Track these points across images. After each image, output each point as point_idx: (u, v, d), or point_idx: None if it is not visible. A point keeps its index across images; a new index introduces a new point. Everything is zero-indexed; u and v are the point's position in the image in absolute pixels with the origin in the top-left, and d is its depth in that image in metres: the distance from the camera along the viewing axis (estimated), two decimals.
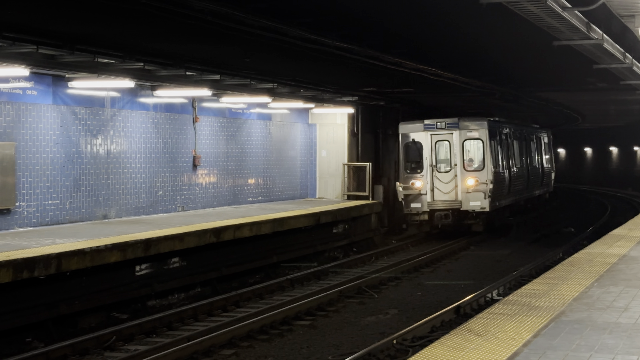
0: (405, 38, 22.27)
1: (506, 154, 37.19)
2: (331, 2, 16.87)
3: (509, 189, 37.01)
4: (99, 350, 15.33)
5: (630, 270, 15.93)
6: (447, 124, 31.79)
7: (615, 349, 9.71)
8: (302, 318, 17.96)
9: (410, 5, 17.00)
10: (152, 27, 17.64)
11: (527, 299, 12.91)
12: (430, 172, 31.45)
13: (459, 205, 30.76)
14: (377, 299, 20.40)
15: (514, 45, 22.07)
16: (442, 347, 9.93)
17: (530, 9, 12.75)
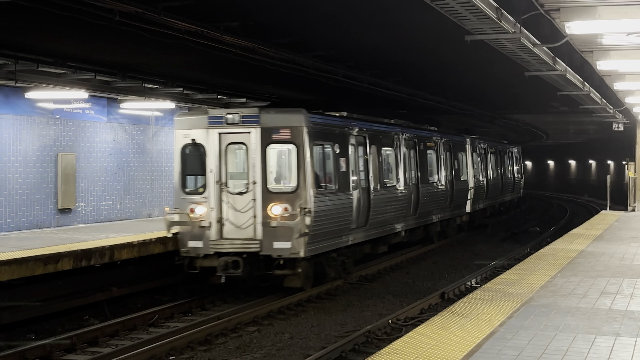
0: (401, 68, 22.34)
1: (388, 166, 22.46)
2: (342, 39, 16.99)
3: (369, 216, 20.13)
4: (144, 326, 15.44)
5: (588, 263, 15.97)
6: (242, 118, 16.34)
7: (577, 329, 9.77)
8: (313, 301, 17.97)
9: (408, 42, 17.13)
10: (190, 58, 17.64)
11: (501, 287, 12.98)
12: (218, 192, 16.20)
13: (257, 248, 15.95)
14: (375, 286, 20.39)
15: (492, 75, 22.15)
16: (432, 326, 10.01)
17: (507, 45, 12.84)
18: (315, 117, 16.98)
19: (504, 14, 10.74)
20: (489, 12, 10.00)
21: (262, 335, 14.80)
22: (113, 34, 13.92)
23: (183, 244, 16.72)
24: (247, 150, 16.35)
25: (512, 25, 11.31)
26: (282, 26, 15.24)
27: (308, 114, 16.50)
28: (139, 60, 19.18)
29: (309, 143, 16.21)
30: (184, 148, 16.91)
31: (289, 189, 16.47)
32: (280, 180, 16.97)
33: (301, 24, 15.01)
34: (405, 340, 9.19)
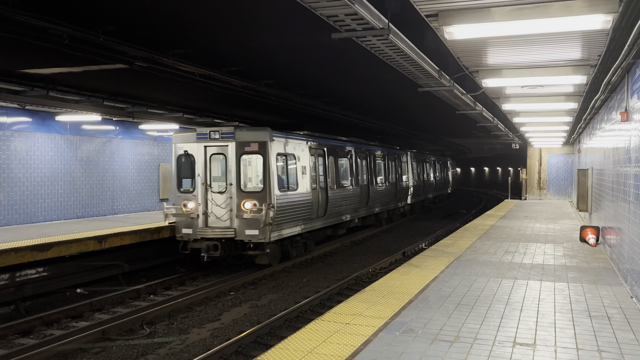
0: (374, 108, 22.36)
1: (337, 172, 19.22)
2: (323, 85, 16.68)
3: (327, 208, 18.11)
4: (161, 290, 13.62)
5: (497, 232, 15.97)
6: (222, 134, 15.10)
7: (490, 274, 9.79)
8: (321, 258, 17.97)
9: (377, 90, 17.15)
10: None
11: (441, 248, 12.99)
12: (204, 192, 15.00)
13: (232, 234, 14.64)
14: (360, 248, 20.43)
15: (435, 112, 22.14)
16: (397, 273, 10.03)
17: (444, 94, 12.86)
18: (278, 134, 15.27)
19: (442, 74, 10.76)
20: (433, 73, 10.04)
21: (289, 278, 14.87)
22: (192, 88, 13.91)
23: (178, 231, 15.07)
24: (225, 159, 14.88)
25: (448, 81, 11.34)
26: (271, 72, 14.45)
27: (272, 132, 14.86)
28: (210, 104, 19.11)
29: (272, 154, 14.72)
30: (179, 157, 15.39)
31: (257, 189, 14.83)
32: (251, 182, 15.25)
33: (288, 69, 14.09)
34: (380, 282, 9.23)
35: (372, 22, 6.51)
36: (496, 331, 6.54)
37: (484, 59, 8.78)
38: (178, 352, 9.16)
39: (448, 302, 7.86)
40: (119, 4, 8.28)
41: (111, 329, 9.91)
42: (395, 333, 6.45)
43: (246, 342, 9.43)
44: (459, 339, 6.24)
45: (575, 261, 11.20)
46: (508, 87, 11.25)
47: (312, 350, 5.91)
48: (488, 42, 7.64)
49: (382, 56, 8.34)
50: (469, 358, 5.65)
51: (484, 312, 7.37)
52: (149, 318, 10.76)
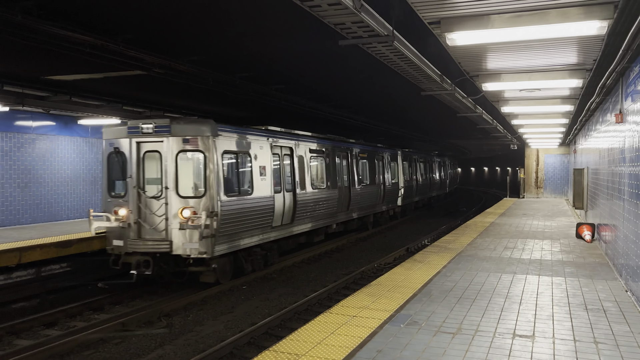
0: (380, 110, 22.27)
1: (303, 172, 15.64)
2: (326, 88, 16.32)
3: (296, 214, 15.01)
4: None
5: (496, 229, 15.89)
6: (156, 128, 11.78)
7: (490, 269, 9.75)
8: (328, 254, 17.90)
9: (383, 94, 17.08)
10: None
11: (443, 244, 12.95)
12: (136, 197, 11.81)
13: (167, 248, 11.49)
14: (366, 244, 20.40)
15: (437, 115, 22.06)
16: (401, 268, 10.01)
17: (446, 98, 12.83)
18: (226, 128, 12.07)
19: (444, 78, 10.73)
20: (436, 78, 10.01)
21: (300, 272, 14.84)
22: (206, 92, 13.77)
23: (109, 242, 11.91)
24: (161, 157, 11.65)
25: (449, 85, 11.31)
26: (281, 77, 14.15)
27: (217, 125, 11.71)
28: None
29: (217, 152, 11.56)
30: (110, 156, 12.13)
31: (198, 194, 11.57)
32: (190, 186, 11.79)
33: (297, 74, 13.77)
34: (385, 277, 9.21)
35: (377, 29, 6.50)
36: (496, 323, 6.51)
37: (484, 64, 8.76)
38: (193, 342, 9.19)
39: (450, 295, 7.84)
40: (138, 14, 8.31)
41: (130, 321, 9.95)
42: (400, 325, 6.43)
43: (258, 333, 9.44)
44: (461, 331, 6.22)
45: (572, 257, 11.12)
46: (507, 90, 11.21)
47: (322, 341, 5.91)
48: (488, 48, 7.62)
49: (387, 62, 8.33)
50: (470, 349, 5.63)
51: (484, 305, 7.34)
52: (166, 310, 10.79)
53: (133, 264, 11.55)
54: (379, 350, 5.58)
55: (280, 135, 14.63)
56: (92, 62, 9.57)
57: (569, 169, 27.70)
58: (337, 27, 6.39)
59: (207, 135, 11.58)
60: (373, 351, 5.57)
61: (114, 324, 9.71)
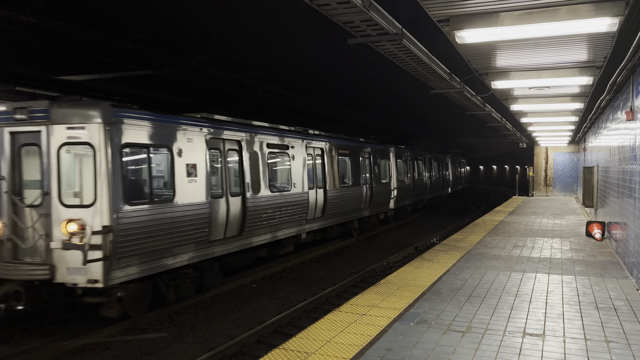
0: (388, 108, 22.24)
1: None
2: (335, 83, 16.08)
3: (246, 223, 11.90)
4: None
5: (505, 228, 15.82)
6: (31, 113, 7.76)
7: (499, 268, 9.71)
8: (337, 253, 17.81)
9: (393, 93, 17.03)
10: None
11: (452, 242, 12.90)
12: (10, 204, 7.91)
13: (47, 274, 7.82)
14: (375, 243, 20.34)
15: (445, 113, 22.00)
16: (411, 266, 9.98)
17: (455, 96, 12.78)
18: (129, 114, 8.78)
19: (453, 77, 10.69)
20: (445, 76, 9.98)
21: (309, 270, 14.83)
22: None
23: None
24: (40, 152, 8.52)
25: (458, 83, 11.26)
26: (290, 76, 14.01)
27: (114, 109, 8.49)
28: None
29: (112, 145, 8.39)
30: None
31: (85, 202, 8.47)
32: (78, 191, 8.67)
33: (305, 73, 13.62)
34: (394, 275, 9.20)
35: (386, 28, 6.49)
36: (506, 322, 6.48)
37: (493, 61, 8.71)
38: (204, 340, 9.22)
39: (460, 294, 7.81)
40: (148, 15, 8.34)
41: (141, 319, 9.99)
42: (409, 324, 6.42)
43: (267, 331, 9.46)
44: (471, 330, 6.20)
45: (582, 255, 11.05)
46: (516, 88, 11.14)
47: (331, 339, 5.91)
48: (497, 46, 7.58)
49: (396, 60, 8.31)
50: (480, 347, 5.61)
51: (494, 303, 7.31)
52: (176, 309, 10.84)
53: (2, 295, 8.55)
54: (388, 349, 5.58)
55: (222, 126, 11.36)
56: (103, 62, 9.62)
57: (579, 167, 27.48)
58: (346, 26, 6.39)
59: (97, 122, 8.35)
60: (382, 349, 5.57)
61: (124, 322, 9.74)
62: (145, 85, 13.82)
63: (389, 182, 22.66)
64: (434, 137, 36.40)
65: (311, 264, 15.81)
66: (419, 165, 27.81)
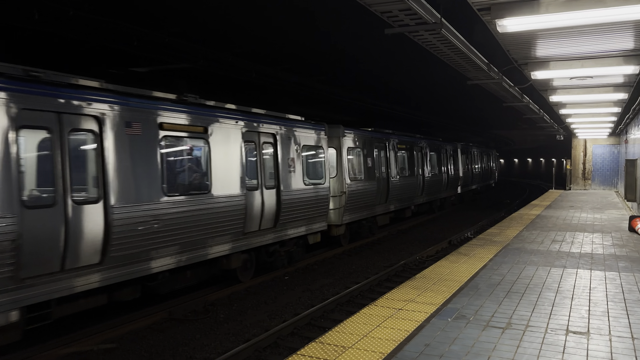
0: (426, 101, 21.94)
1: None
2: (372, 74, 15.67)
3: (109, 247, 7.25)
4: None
5: (543, 222, 15.45)
6: None
7: (538, 263, 9.48)
8: (368, 246, 17.72)
9: (423, 86, 16.79)
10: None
11: (489, 237, 12.66)
12: None
13: None
14: (407, 236, 20.16)
15: (483, 105, 21.58)
16: (446, 261, 9.84)
17: (493, 87, 12.49)
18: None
19: (491, 67, 10.44)
20: (483, 67, 9.75)
21: (341, 264, 14.78)
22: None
23: None
24: None
25: (496, 74, 11.00)
26: (325, 69, 13.91)
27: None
28: None
29: None
30: None
31: None
32: None
33: (339, 67, 13.60)
34: (429, 270, 9.07)
35: (425, 17, 6.35)
36: (548, 319, 6.30)
37: (534, 51, 8.47)
38: (237, 332, 9.29)
39: (498, 289, 7.64)
40: (185, 7, 8.38)
41: (177, 310, 10.14)
42: (447, 319, 6.31)
43: (301, 324, 9.47)
44: (511, 326, 6.05)
45: (625, 250, 10.69)
46: (556, 78, 10.83)
47: (368, 334, 5.86)
48: (539, 34, 7.35)
49: (433, 50, 8.14)
50: (522, 345, 5.47)
51: (534, 299, 7.12)
52: (211, 300, 10.96)
53: None
54: (426, 344, 5.49)
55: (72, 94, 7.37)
56: (139, 55, 9.73)
57: (620, 160, 26.62)
58: (383, 15, 6.27)
59: None
60: (421, 345, 5.48)
61: (161, 312, 9.91)
62: (180, 79, 13.94)
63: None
64: (468, 130, 35.79)
65: (343, 257, 15.76)
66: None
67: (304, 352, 5.34)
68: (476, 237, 12.75)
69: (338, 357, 5.20)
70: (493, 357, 5.14)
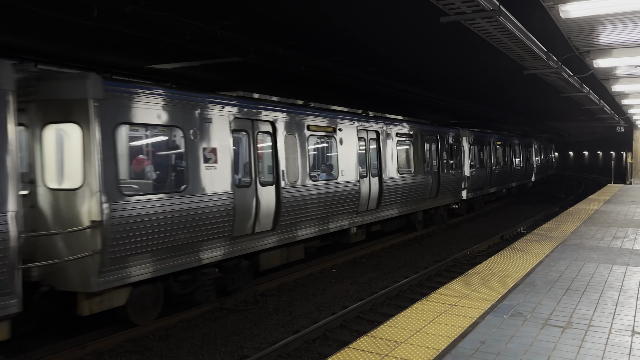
0: (481, 92, 21.30)
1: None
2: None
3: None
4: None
5: (602, 217, 14.80)
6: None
7: (598, 260, 9.09)
8: (418, 240, 17.50)
9: (476, 76, 16.31)
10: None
11: (544, 232, 12.24)
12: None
13: None
14: (457, 231, 19.77)
15: (538, 95, 20.82)
16: (500, 256, 9.58)
17: (550, 77, 12.00)
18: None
19: (550, 55, 10.03)
20: (541, 55, 9.37)
21: (389, 257, 14.68)
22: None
23: None
24: None
25: (555, 63, 10.56)
26: (371, 60, 13.54)
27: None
28: None
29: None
30: None
31: None
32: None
33: (388, 56, 13.17)
34: (483, 265, 8.84)
35: (482, 4, 6.14)
36: (611, 319, 6.02)
37: (597, 38, 8.09)
38: (286, 322, 9.36)
39: (556, 286, 7.36)
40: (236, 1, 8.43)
41: (228, 300, 10.31)
42: (503, 316, 6.13)
43: (350, 317, 9.44)
44: (572, 325, 5.81)
45: None
46: (619, 67, 10.34)
47: (421, 329, 5.76)
48: (603, 20, 7.01)
49: (489, 38, 7.88)
50: (584, 345, 5.24)
51: (595, 298, 6.82)
52: (261, 291, 11.09)
53: None
54: (482, 342, 5.34)
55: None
56: (191, 49, 9.89)
57: None
58: (439, 3, 6.10)
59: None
60: (476, 342, 5.34)
61: (213, 302, 10.09)
62: (230, 73, 14.11)
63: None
64: (521, 122, 34.69)
65: (391, 251, 15.63)
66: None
67: (356, 345, 5.31)
68: (530, 232, 12.35)
69: (391, 351, 5.13)
70: (553, 357, 4.95)
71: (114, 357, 7.81)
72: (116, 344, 8.17)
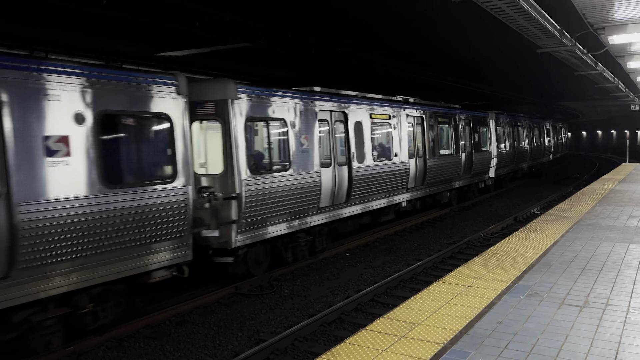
0: (494, 74, 21.06)
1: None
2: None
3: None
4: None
5: (617, 197, 14.67)
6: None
7: (615, 239, 9.03)
8: (430, 223, 17.45)
9: (488, 56, 16.11)
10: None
11: (559, 213, 12.16)
12: None
13: None
14: (470, 213, 19.69)
15: (551, 75, 20.54)
16: (515, 237, 9.55)
17: (564, 55, 11.80)
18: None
19: (564, 33, 9.86)
20: (555, 32, 9.21)
21: (402, 241, 14.70)
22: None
23: None
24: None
25: (569, 40, 10.38)
26: (382, 42, 13.53)
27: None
28: None
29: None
30: None
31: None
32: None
33: (399, 38, 13.31)
34: (498, 246, 8.82)
35: None
36: (629, 297, 5.99)
37: (612, 13, 7.93)
38: (302, 307, 9.42)
39: (572, 266, 7.33)
40: None
41: (243, 285, 10.39)
42: (519, 296, 6.12)
43: (364, 300, 9.48)
44: (589, 304, 5.79)
45: None
46: (635, 43, 10.13)
47: (437, 310, 5.77)
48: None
49: (502, 16, 7.75)
50: (602, 324, 5.23)
51: (612, 277, 6.78)
52: (275, 276, 11.16)
53: None
54: (499, 322, 5.35)
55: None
56: (201, 36, 9.85)
57: None
58: None
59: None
60: (493, 322, 5.34)
61: (228, 287, 10.18)
62: (241, 59, 14.04)
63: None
64: (533, 102, 34.27)
65: (404, 234, 15.63)
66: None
67: (373, 327, 5.33)
68: (545, 212, 12.25)
69: (408, 333, 5.15)
70: (571, 337, 4.94)
71: (132, 343, 7.92)
72: (134, 330, 8.29)
